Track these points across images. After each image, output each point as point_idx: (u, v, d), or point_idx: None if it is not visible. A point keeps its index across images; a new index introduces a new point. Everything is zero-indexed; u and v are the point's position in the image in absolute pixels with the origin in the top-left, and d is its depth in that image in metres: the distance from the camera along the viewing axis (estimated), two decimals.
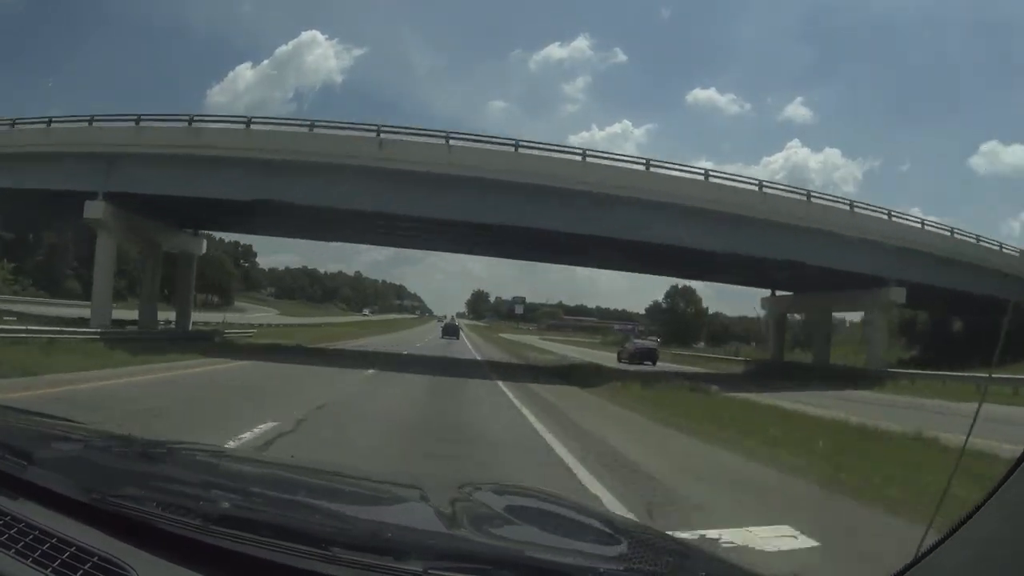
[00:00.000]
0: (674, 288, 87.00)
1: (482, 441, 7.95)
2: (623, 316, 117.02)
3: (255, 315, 62.13)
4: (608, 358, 35.91)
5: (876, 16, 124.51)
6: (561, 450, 7.53)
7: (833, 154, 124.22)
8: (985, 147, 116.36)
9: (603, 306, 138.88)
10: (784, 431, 9.24)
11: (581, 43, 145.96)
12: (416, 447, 7.22)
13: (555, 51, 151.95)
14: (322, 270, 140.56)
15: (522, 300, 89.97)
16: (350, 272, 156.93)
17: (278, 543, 1.14)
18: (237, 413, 8.68)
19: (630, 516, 3.99)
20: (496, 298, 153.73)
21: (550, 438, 8.43)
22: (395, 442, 7.44)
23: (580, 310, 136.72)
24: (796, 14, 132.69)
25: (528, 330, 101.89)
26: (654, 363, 35.49)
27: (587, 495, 5.16)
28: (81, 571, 1.14)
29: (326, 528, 1.20)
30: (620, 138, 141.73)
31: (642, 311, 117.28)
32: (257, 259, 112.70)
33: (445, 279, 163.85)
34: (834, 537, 4.38)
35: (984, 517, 1.01)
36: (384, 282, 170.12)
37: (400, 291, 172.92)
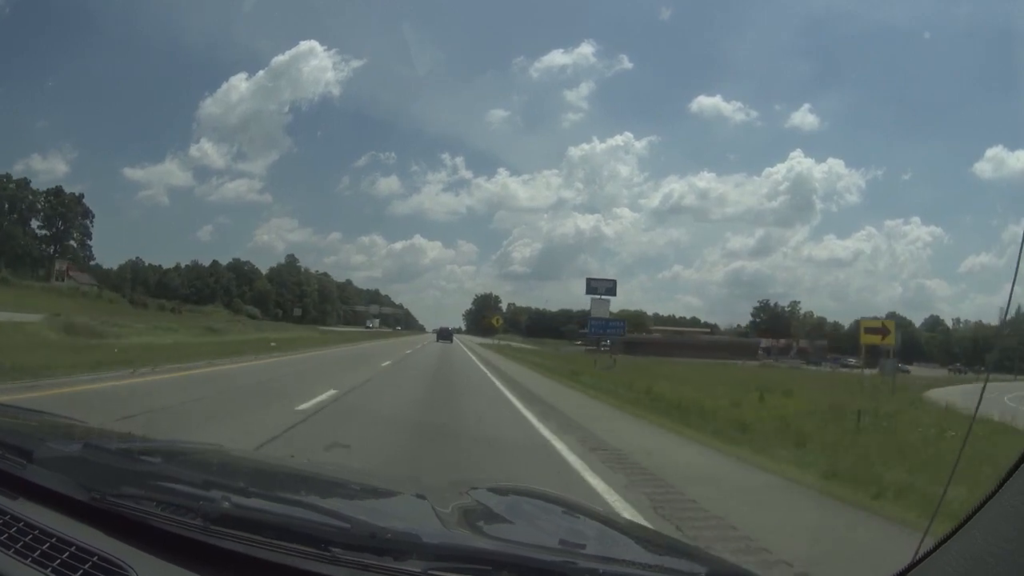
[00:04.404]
0: None
1: None
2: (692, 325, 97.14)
3: None
4: None
5: (881, 22, 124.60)
6: None
7: (836, 164, 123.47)
8: (990, 152, 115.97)
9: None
10: None
11: (585, 49, 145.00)
12: None
13: (558, 57, 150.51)
14: (264, 269, 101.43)
15: (612, 285, 31.17)
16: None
17: (277, 543, 1.15)
18: None
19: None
20: (510, 305, 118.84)
21: None
22: None
23: (633, 317, 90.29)
24: (804, 20, 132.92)
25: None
26: None
27: None
28: (81, 571, 1.15)
29: (326, 528, 1.20)
30: (621, 150, 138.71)
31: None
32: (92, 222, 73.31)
33: (442, 295, 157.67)
34: None
35: (981, 521, 1.02)
36: (350, 282, 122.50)
37: (375, 297, 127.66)
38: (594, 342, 33.81)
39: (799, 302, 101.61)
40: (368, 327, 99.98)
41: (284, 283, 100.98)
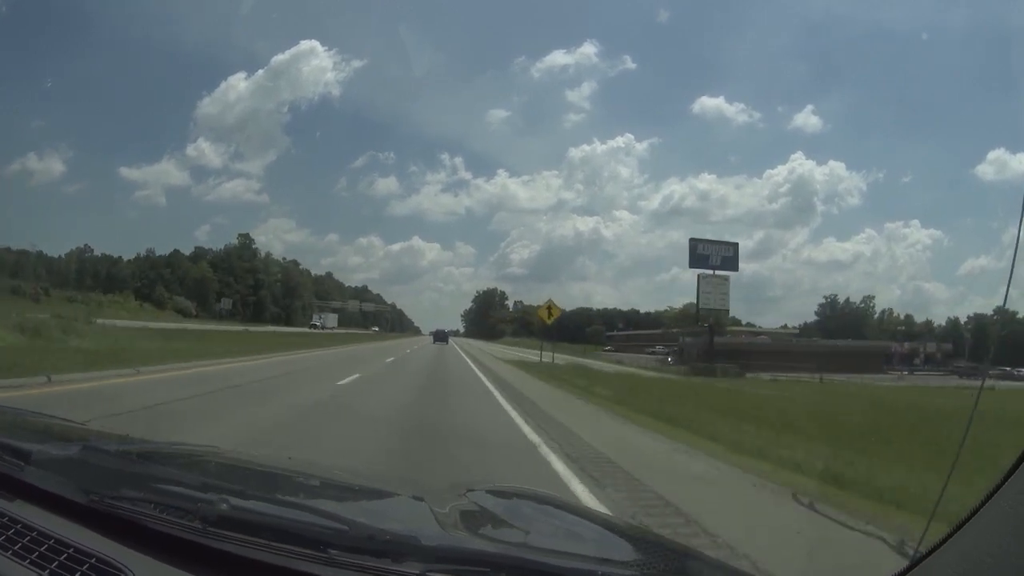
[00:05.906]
0: None
1: None
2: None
3: None
4: None
5: (882, 24, 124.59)
6: None
7: (837, 166, 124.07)
8: (992, 155, 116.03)
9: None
10: None
11: (588, 49, 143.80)
12: None
13: (560, 57, 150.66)
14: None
15: (731, 252, 38.01)
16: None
17: (275, 545, 1.15)
18: None
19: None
20: (517, 303, 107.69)
21: None
22: None
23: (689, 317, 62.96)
24: (807, 21, 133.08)
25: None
26: None
27: None
28: (79, 572, 1.15)
29: (324, 530, 1.20)
30: (622, 151, 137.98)
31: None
32: None
33: (439, 297, 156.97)
34: None
35: (980, 522, 1.02)
36: (330, 275, 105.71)
37: (362, 293, 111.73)
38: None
39: (873, 297, 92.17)
40: (315, 327, 72.26)
41: (232, 270, 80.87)
